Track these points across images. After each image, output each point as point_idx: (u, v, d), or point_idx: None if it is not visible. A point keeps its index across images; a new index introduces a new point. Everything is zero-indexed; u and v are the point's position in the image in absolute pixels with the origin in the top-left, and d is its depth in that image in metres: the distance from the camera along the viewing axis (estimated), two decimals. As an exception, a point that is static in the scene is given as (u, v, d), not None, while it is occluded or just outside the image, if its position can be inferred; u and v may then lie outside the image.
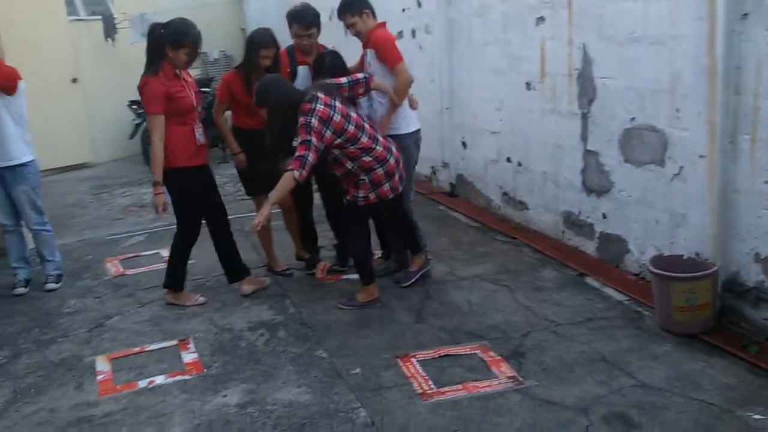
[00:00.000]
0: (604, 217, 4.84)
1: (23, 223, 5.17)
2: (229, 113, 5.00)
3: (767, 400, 3.16)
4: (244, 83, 4.64)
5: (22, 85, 4.93)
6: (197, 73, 11.21)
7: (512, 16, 5.57)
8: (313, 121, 3.95)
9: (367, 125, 4.25)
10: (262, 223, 3.99)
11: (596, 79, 4.70)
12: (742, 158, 3.67)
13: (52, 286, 5.13)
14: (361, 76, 4.39)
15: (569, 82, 4.99)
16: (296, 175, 3.93)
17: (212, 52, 11.63)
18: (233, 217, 6.63)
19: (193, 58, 4.36)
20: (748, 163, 3.65)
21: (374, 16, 4.69)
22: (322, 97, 4.04)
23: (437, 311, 4.32)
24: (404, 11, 7.43)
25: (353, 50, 5.02)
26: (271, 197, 4.01)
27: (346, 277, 4.96)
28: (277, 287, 4.88)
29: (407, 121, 4.74)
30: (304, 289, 4.83)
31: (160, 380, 3.68)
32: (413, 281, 4.67)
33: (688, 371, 3.44)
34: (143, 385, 3.65)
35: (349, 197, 4.36)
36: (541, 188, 5.50)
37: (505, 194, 6.03)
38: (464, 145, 6.63)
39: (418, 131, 4.85)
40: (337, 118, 4.04)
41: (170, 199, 4.46)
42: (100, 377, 3.76)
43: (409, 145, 4.73)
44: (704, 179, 3.87)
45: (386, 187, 4.27)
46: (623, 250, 4.67)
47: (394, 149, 4.34)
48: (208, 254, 5.60)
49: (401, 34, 7.57)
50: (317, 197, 5.14)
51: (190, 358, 3.90)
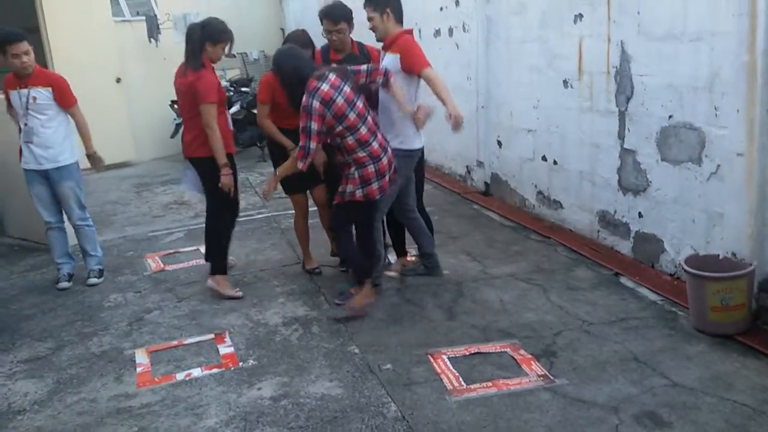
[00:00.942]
0: (640, 216, 4.79)
1: (65, 219, 5.33)
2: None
3: (804, 403, 3.11)
4: None
5: None
6: (237, 73, 11.39)
7: (550, 13, 5.54)
8: (314, 102, 3.94)
9: (369, 118, 4.18)
10: (269, 191, 4.38)
11: (634, 76, 4.65)
12: (781, 157, 3.62)
13: (94, 280, 5.28)
14: (383, 67, 4.38)
15: (607, 79, 4.95)
16: (299, 166, 4.10)
17: (252, 52, 11.77)
18: (270, 214, 6.79)
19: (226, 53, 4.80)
20: (787, 161, 3.59)
21: (399, 21, 4.53)
22: (332, 78, 4.03)
23: (469, 309, 4.33)
24: (442, 10, 7.45)
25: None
26: (277, 171, 4.40)
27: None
28: (311, 284, 4.95)
29: (402, 139, 4.51)
30: (337, 285, 4.88)
31: (196, 373, 3.77)
32: (344, 317, 4.29)
33: (721, 372, 3.40)
34: (180, 377, 3.74)
35: (336, 198, 4.32)
36: (576, 187, 5.46)
37: (540, 193, 6.00)
38: (499, 144, 6.61)
39: (415, 151, 4.61)
40: (339, 101, 3.99)
41: (207, 186, 4.86)
42: (139, 369, 3.86)
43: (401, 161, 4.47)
44: (742, 178, 3.81)
45: (375, 186, 4.18)
46: (659, 249, 4.62)
47: (389, 150, 4.27)
48: (247, 251, 5.75)
49: (438, 32, 7.60)
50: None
51: (226, 351, 3.99)
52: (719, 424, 3.00)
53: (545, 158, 5.83)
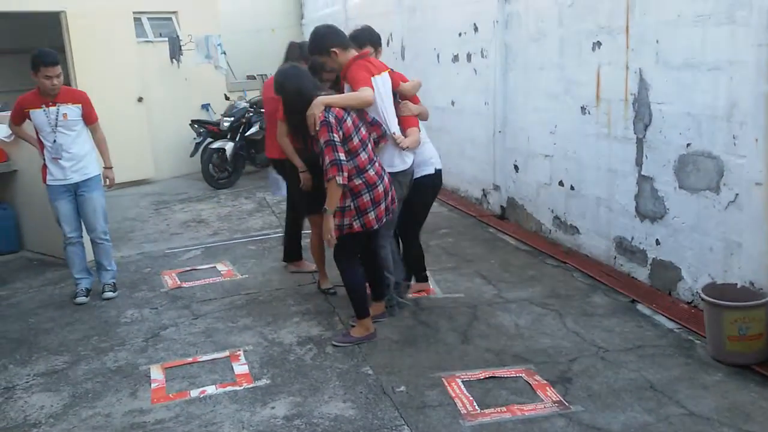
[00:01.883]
0: (657, 243, 4.78)
1: (84, 235, 5.42)
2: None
3: (823, 436, 3.07)
4: None
5: None
6: (257, 94, 11.52)
7: (569, 41, 5.58)
8: (330, 117, 3.91)
9: (369, 145, 4.15)
10: (335, 238, 4.05)
11: (652, 104, 4.66)
12: (800, 187, 3.60)
13: (110, 294, 5.34)
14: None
15: (625, 107, 4.96)
16: (339, 181, 3.89)
17: (271, 73, 11.89)
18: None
19: None
20: (806, 191, 3.57)
21: (347, 47, 4.33)
22: None
23: (484, 333, 4.32)
24: (460, 35, 7.51)
25: (409, 73, 5.12)
26: (327, 208, 3.99)
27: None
28: (326, 304, 4.96)
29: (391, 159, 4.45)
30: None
31: (211, 390, 3.79)
32: (349, 344, 4.26)
33: (738, 402, 3.36)
34: (195, 394, 3.76)
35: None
36: (593, 213, 5.46)
37: (556, 218, 6.00)
38: (516, 168, 6.63)
39: (401, 172, 4.47)
40: (348, 122, 3.99)
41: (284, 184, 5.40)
42: (153, 385, 3.89)
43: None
44: (760, 207, 3.80)
45: (371, 215, 4.08)
46: (676, 277, 4.60)
47: (386, 178, 4.20)
48: (264, 270, 5.78)
49: (456, 57, 7.67)
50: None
51: (240, 369, 4.00)
52: (736, 455, 2.97)
53: (562, 183, 5.84)
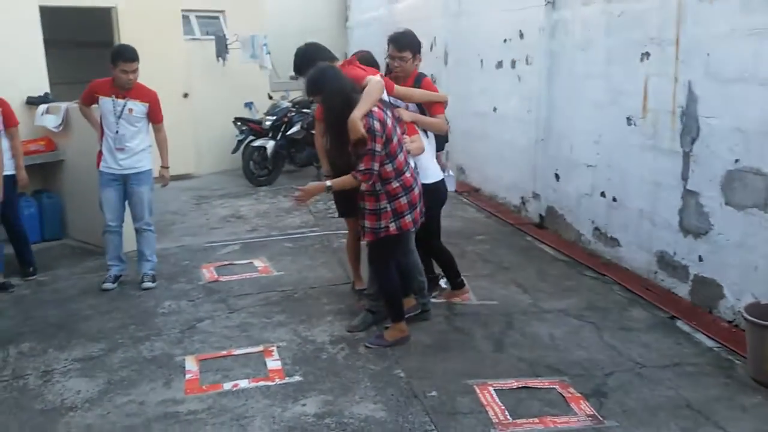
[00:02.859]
0: (700, 259, 4.68)
1: (124, 225, 5.55)
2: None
3: None
4: None
5: None
6: (299, 94, 11.60)
7: (616, 50, 5.51)
8: (375, 123, 3.84)
9: (405, 147, 4.14)
10: (307, 197, 4.20)
11: (701, 117, 4.58)
12: None
13: (149, 284, 5.43)
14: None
15: (672, 119, 4.87)
16: (363, 187, 3.98)
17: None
18: (323, 233, 6.86)
19: None
20: None
21: (334, 58, 4.47)
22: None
23: (518, 342, 4.28)
24: (505, 42, 7.47)
25: (452, 78, 5.10)
26: (328, 182, 4.09)
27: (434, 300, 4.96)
28: (360, 304, 4.96)
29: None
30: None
31: (243, 384, 3.82)
32: (382, 346, 4.22)
33: (780, 426, 3.28)
34: (228, 387, 3.79)
35: (367, 236, 4.11)
36: (635, 225, 5.37)
37: (596, 229, 5.91)
38: (557, 177, 6.55)
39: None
40: (389, 123, 3.95)
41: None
42: (188, 376, 3.93)
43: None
44: (811, 227, 3.69)
45: (408, 218, 4.07)
46: (718, 295, 4.50)
47: (418, 180, 4.21)
48: (299, 267, 5.82)
49: (500, 64, 7.62)
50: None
51: (273, 365, 4.03)
52: (775, 479, 2.89)
53: (604, 194, 5.76)
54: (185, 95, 9.72)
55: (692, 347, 4.18)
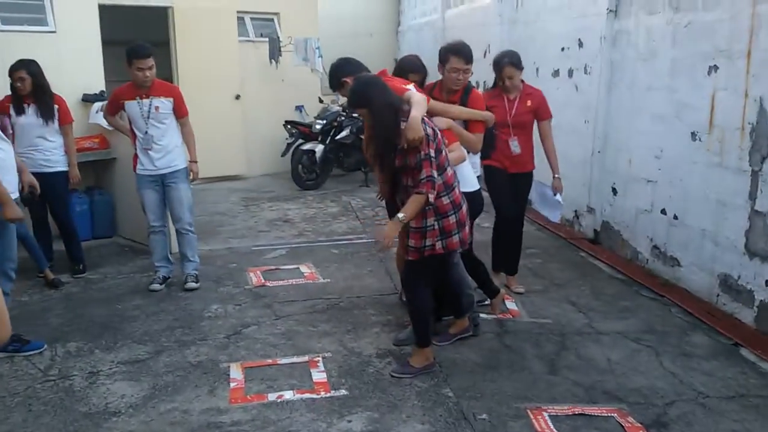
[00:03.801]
0: (767, 284, 4.43)
1: (168, 224, 5.56)
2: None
3: None
4: None
5: None
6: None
7: (682, 62, 5.28)
8: (428, 129, 3.64)
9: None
10: (388, 244, 3.72)
11: (773, 135, 4.34)
12: None
13: (192, 285, 5.42)
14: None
15: (741, 136, 4.64)
16: (431, 198, 3.63)
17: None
18: (370, 240, 6.76)
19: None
20: None
21: (364, 70, 4.23)
22: None
23: (573, 365, 4.10)
24: (563, 50, 7.28)
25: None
26: (400, 215, 3.66)
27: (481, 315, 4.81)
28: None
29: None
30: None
31: (288, 395, 3.73)
32: (409, 375, 3.96)
33: None
34: (272, 398, 3.71)
35: (411, 255, 3.81)
36: (697, 246, 5.13)
37: (655, 247, 5.68)
38: (614, 191, 6.33)
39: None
40: (439, 133, 3.76)
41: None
42: (232, 385, 3.86)
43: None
44: None
45: (456, 238, 3.80)
46: (788, 323, 4.26)
47: (465, 199, 3.95)
48: (345, 275, 5.73)
49: (557, 72, 7.43)
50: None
51: (318, 377, 3.93)
52: None
53: (664, 211, 5.53)
54: (237, 97, 9.76)
55: (758, 378, 3.95)
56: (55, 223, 5.87)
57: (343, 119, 9.58)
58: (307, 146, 9.39)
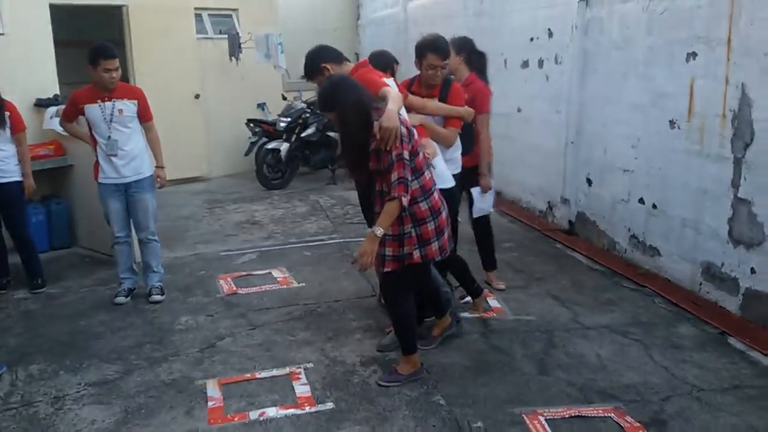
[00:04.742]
0: (752, 271, 4.38)
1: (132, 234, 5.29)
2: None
3: None
4: None
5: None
6: (312, 95, 11.32)
7: (658, 50, 5.20)
8: (402, 128, 3.41)
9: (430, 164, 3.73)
10: (368, 262, 3.47)
11: (756, 122, 4.27)
12: None
13: (157, 297, 5.17)
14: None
15: (722, 123, 4.57)
16: (404, 201, 3.39)
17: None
18: (343, 240, 6.58)
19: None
20: None
21: (344, 60, 4.12)
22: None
23: (563, 363, 3.98)
24: (532, 40, 7.17)
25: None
26: (377, 229, 3.45)
27: (463, 314, 4.68)
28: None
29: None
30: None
31: (271, 413, 3.51)
32: (397, 383, 3.77)
33: None
34: (254, 416, 3.49)
35: (389, 265, 3.58)
36: (677, 234, 5.06)
37: (633, 237, 5.61)
38: (589, 181, 6.25)
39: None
40: (415, 134, 3.53)
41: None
42: (210, 404, 3.63)
43: None
44: None
45: (435, 246, 3.58)
46: (775, 310, 4.20)
47: (445, 204, 3.73)
48: (321, 278, 5.54)
49: (526, 63, 7.32)
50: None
51: (302, 390, 3.73)
52: None
53: (643, 201, 5.45)
54: (197, 96, 9.45)
55: (750, 367, 3.89)
56: (10, 235, 5.55)
57: (308, 116, 9.36)
58: (271, 145, 9.13)
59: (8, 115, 5.25)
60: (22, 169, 5.39)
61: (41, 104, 6.57)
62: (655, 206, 5.32)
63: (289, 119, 9.25)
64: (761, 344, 4.10)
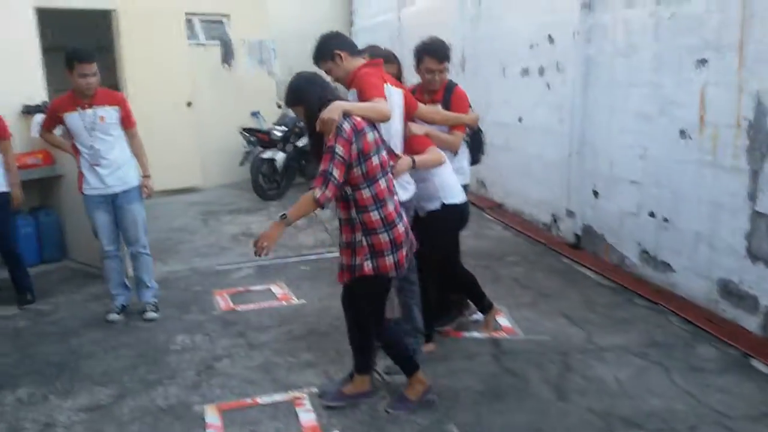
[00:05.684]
0: (773, 289, 4.23)
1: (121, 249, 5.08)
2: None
3: None
4: None
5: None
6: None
7: (666, 57, 5.05)
8: (345, 125, 3.21)
9: (390, 174, 3.48)
10: (271, 246, 3.27)
11: (775, 132, 4.13)
12: None
13: (152, 315, 4.97)
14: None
15: (736, 133, 4.42)
16: (317, 195, 3.14)
17: (323, 81, 11.53)
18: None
19: None
20: None
21: (357, 53, 3.81)
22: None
23: (581, 388, 3.79)
24: (532, 48, 7.02)
25: (470, 86, 4.65)
26: (287, 218, 3.25)
27: (468, 334, 4.51)
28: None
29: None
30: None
31: (275, 444, 3.32)
32: (408, 410, 3.59)
33: None
34: (257, 447, 3.30)
35: (340, 277, 3.45)
36: (691, 250, 4.90)
37: (644, 252, 5.44)
38: (595, 194, 6.09)
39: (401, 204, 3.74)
40: (369, 137, 3.28)
41: None
42: (210, 431, 3.43)
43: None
44: None
45: (389, 260, 3.34)
46: (799, 331, 4.04)
47: (404, 217, 3.53)
48: (320, 295, 5.34)
49: (526, 71, 7.17)
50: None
51: (306, 418, 3.53)
52: None
53: (653, 214, 5.29)
54: (189, 104, 9.22)
55: (777, 392, 3.72)
56: (-3, 249, 5.33)
57: (303, 125, 9.15)
58: (267, 154, 8.91)
59: (-5, 123, 5.04)
60: (8, 179, 5.17)
61: (29, 111, 6.35)
62: (666, 219, 5.15)
63: (285, 128, 9.05)
64: (785, 366, 3.95)
